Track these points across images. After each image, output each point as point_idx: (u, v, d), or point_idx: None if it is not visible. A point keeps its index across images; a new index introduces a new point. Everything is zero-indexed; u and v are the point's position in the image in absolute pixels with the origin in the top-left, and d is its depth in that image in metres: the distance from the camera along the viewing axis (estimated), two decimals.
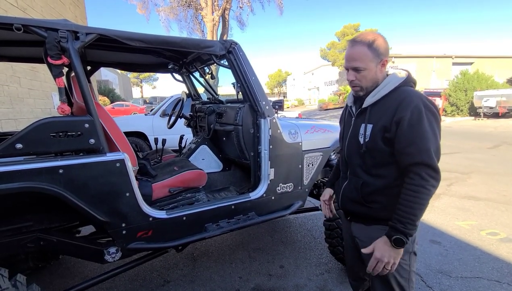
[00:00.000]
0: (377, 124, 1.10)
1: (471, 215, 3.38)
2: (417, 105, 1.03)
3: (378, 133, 1.10)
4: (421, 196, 1.00)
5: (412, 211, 1.01)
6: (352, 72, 1.13)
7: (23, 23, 1.28)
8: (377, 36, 1.11)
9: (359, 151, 1.16)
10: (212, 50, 1.86)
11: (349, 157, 1.25)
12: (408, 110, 1.02)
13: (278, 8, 16.60)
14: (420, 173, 1.00)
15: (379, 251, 1.05)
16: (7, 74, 4.70)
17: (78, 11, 7.79)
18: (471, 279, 2.18)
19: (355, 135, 1.19)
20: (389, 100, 1.10)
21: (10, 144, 1.24)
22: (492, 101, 14.10)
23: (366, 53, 1.09)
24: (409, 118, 1.02)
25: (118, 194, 1.49)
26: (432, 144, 1.01)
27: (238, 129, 2.12)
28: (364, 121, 1.16)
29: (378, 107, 1.13)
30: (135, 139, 5.71)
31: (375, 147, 1.11)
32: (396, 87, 1.11)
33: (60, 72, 1.39)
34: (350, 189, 1.23)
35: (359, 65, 1.10)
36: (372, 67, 1.11)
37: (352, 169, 1.23)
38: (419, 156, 1.00)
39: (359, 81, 1.13)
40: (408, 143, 1.02)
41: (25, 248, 1.47)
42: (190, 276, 2.30)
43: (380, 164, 1.13)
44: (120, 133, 1.74)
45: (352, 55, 1.12)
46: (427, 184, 1.00)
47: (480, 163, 5.84)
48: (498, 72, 24.83)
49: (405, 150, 1.03)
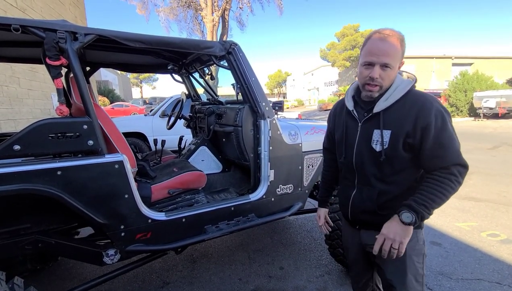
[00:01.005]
0: (399, 130, 1.04)
1: (471, 216, 3.38)
2: (438, 109, 1.01)
3: (399, 140, 1.04)
4: (444, 187, 0.98)
5: (431, 196, 0.98)
6: (379, 69, 1.02)
7: (21, 24, 1.27)
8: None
9: (377, 159, 1.09)
10: (211, 51, 1.85)
11: (360, 166, 1.16)
12: (431, 115, 1.00)
13: (278, 8, 16.61)
14: (450, 169, 0.99)
15: (386, 228, 1.03)
16: (7, 74, 4.69)
17: (78, 11, 7.78)
18: (471, 281, 2.17)
19: (366, 142, 1.12)
20: (405, 105, 1.05)
21: (8, 146, 1.23)
22: (492, 102, 14.12)
23: (398, 50, 1.02)
24: (434, 123, 1.00)
25: (117, 196, 1.48)
26: (458, 145, 1.02)
27: (238, 130, 2.11)
28: (377, 127, 1.09)
29: (392, 112, 1.07)
30: (134, 140, 5.70)
31: (396, 154, 1.06)
32: (408, 90, 1.07)
33: (58, 73, 1.38)
34: (362, 199, 1.17)
35: (390, 62, 1.01)
36: (397, 67, 1.05)
37: (364, 178, 1.16)
38: (451, 157, 0.99)
39: (382, 80, 1.04)
40: (438, 147, 1.00)
41: (23, 250, 1.46)
42: (189, 278, 2.29)
43: (398, 171, 1.08)
44: (119, 134, 1.73)
45: (385, 49, 1.00)
46: (454, 178, 0.99)
47: (480, 164, 5.84)
48: (498, 73, 24.88)
49: (436, 153, 1.00)
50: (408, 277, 1.12)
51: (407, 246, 1.07)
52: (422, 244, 1.15)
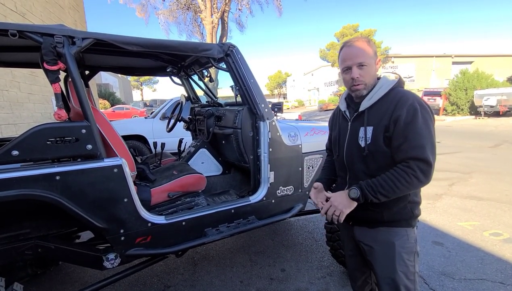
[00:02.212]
0: (378, 126, 1.11)
1: (473, 216, 3.36)
2: (412, 104, 1.06)
3: (379, 135, 1.10)
4: (398, 178, 1.03)
5: (382, 183, 1.05)
6: (356, 69, 1.13)
7: (18, 29, 1.28)
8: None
9: (361, 154, 1.16)
10: (210, 54, 1.84)
11: (349, 163, 1.23)
12: (404, 108, 1.06)
13: (277, 9, 16.65)
14: (409, 163, 1.03)
15: (334, 196, 1.14)
16: (7, 79, 4.70)
17: (78, 15, 7.80)
18: (474, 281, 2.16)
19: (355, 140, 1.19)
20: (386, 102, 1.12)
21: (6, 151, 1.23)
22: (493, 100, 14.07)
23: (367, 48, 1.13)
24: (405, 116, 1.04)
25: (116, 200, 1.48)
26: (427, 141, 1.03)
27: (237, 132, 2.10)
28: (362, 125, 1.16)
29: (375, 110, 1.14)
30: (135, 142, 5.71)
31: (378, 149, 1.12)
32: (390, 89, 1.14)
33: (56, 77, 1.38)
34: None
35: (363, 60, 1.12)
36: (373, 64, 1.14)
37: (354, 174, 1.22)
38: (412, 151, 1.03)
39: (363, 78, 1.13)
40: (403, 140, 1.04)
41: (22, 256, 1.46)
42: (190, 281, 2.28)
43: (383, 167, 1.12)
44: (118, 138, 1.73)
45: (355, 52, 1.13)
46: (411, 172, 1.02)
47: (482, 162, 5.81)
48: (498, 71, 24.83)
49: (400, 147, 1.05)
50: (398, 274, 1.14)
51: (396, 243, 1.14)
52: (413, 242, 1.17)
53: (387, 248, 1.16)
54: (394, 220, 1.15)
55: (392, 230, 1.17)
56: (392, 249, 1.15)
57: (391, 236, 1.16)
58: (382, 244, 1.18)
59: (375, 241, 1.19)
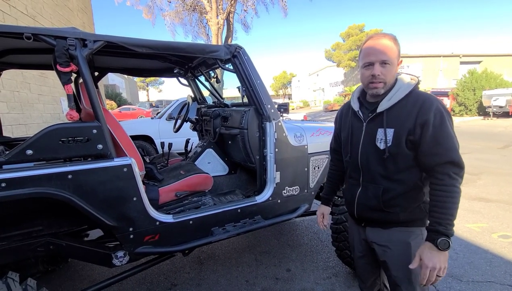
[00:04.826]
0: (401, 128, 1.08)
1: (481, 217, 3.32)
2: (438, 107, 1.05)
3: (402, 137, 1.08)
4: (454, 195, 1.01)
5: (449, 211, 1.01)
6: (379, 66, 1.08)
7: (33, 32, 1.31)
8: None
9: (380, 156, 1.13)
10: (217, 55, 1.87)
11: (364, 164, 1.20)
12: (431, 112, 1.04)
13: (282, 10, 16.66)
14: (448, 173, 1.02)
15: (429, 260, 1.01)
16: (18, 80, 4.81)
17: (86, 17, 7.93)
18: (482, 283, 2.13)
19: (371, 141, 1.16)
20: (407, 104, 1.09)
21: (21, 151, 1.27)
22: (502, 101, 13.84)
23: (393, 47, 1.09)
24: (433, 120, 1.03)
25: (126, 199, 1.51)
26: (456, 143, 1.04)
27: (244, 132, 2.12)
28: (381, 126, 1.13)
29: (395, 111, 1.11)
30: (141, 143, 5.77)
31: (399, 152, 1.09)
32: (410, 91, 1.11)
33: (69, 79, 1.41)
34: (367, 197, 1.20)
35: (387, 58, 1.07)
36: (395, 63, 1.11)
37: (369, 176, 1.19)
38: (447, 154, 1.02)
39: (384, 76, 1.09)
40: (436, 144, 1.03)
41: (35, 252, 1.50)
42: (196, 280, 2.30)
43: (402, 169, 1.11)
44: (127, 138, 1.76)
45: (380, 48, 1.08)
46: (456, 182, 1.02)
47: (491, 164, 5.73)
48: (507, 71, 24.40)
49: (432, 150, 1.04)
50: (414, 274, 1.13)
51: (412, 243, 1.14)
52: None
53: (403, 248, 1.16)
54: (409, 220, 1.15)
55: (407, 230, 1.16)
56: (408, 249, 1.15)
57: (406, 236, 1.16)
58: (398, 245, 1.17)
59: (390, 242, 1.18)
